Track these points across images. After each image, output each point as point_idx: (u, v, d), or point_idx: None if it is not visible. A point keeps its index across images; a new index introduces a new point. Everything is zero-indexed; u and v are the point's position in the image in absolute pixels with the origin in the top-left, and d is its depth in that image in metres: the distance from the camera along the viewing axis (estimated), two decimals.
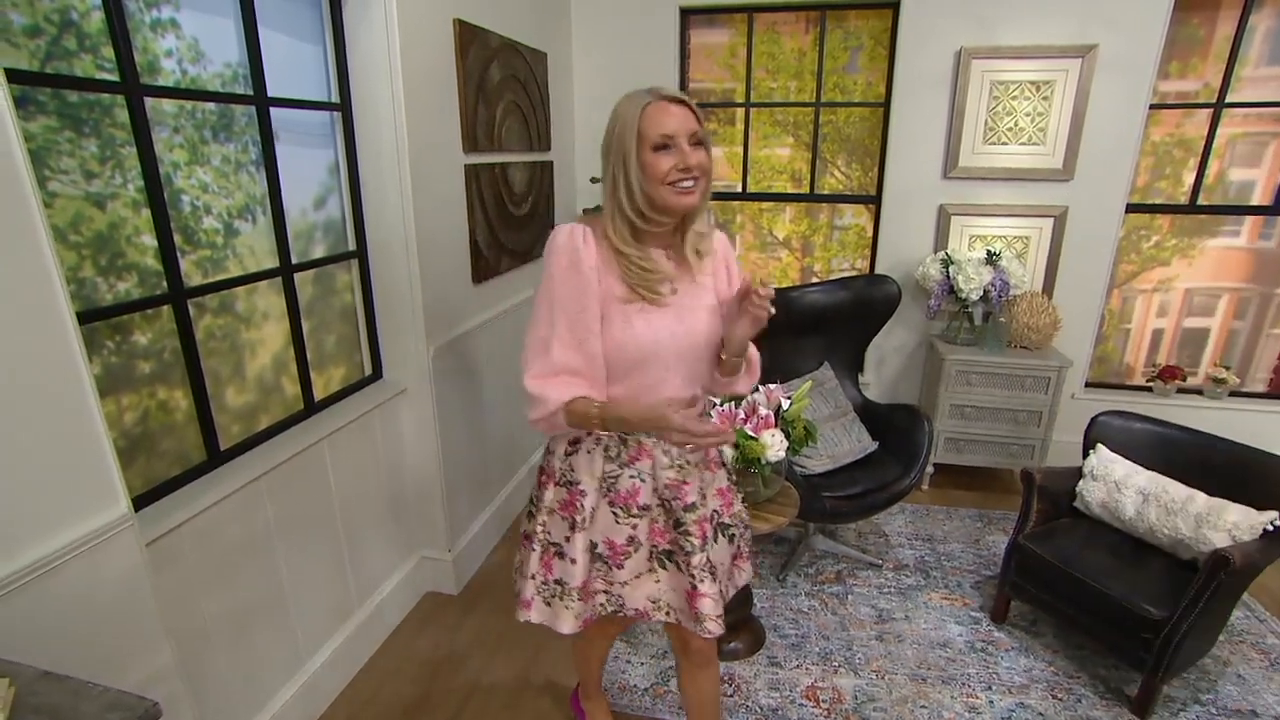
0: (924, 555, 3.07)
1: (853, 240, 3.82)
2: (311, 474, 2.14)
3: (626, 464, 1.53)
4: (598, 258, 1.41)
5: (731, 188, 3.82)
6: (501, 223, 2.96)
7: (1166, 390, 3.64)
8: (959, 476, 3.72)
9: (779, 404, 2.32)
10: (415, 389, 2.50)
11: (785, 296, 2.96)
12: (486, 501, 3.03)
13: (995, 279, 3.29)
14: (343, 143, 2.28)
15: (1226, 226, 3.52)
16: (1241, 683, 2.38)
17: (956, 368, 3.37)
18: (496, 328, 3.00)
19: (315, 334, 2.25)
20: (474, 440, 2.86)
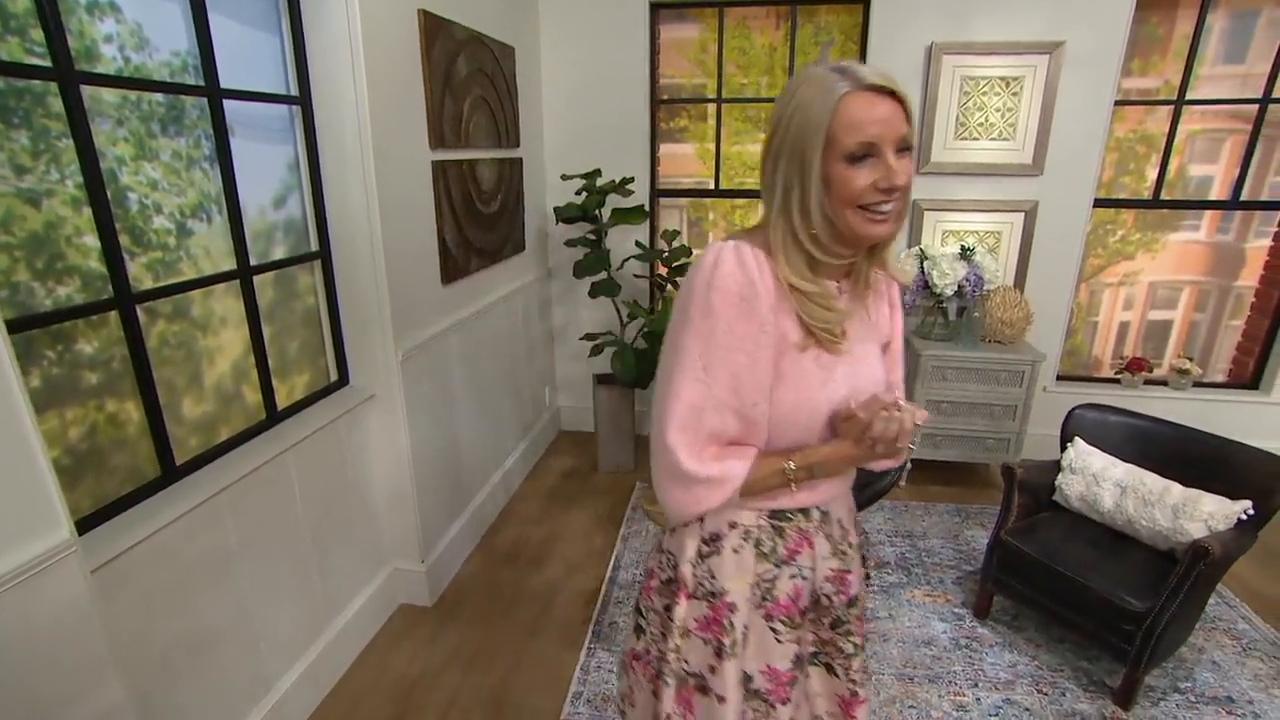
0: (905, 552, 3.05)
1: None
2: (276, 486, 2.02)
3: (785, 559, 1.18)
4: (775, 293, 1.06)
5: (703, 184, 3.78)
6: (470, 221, 2.86)
7: (1134, 382, 3.68)
8: (936, 472, 3.71)
9: None
10: (384, 394, 2.39)
11: None
12: (460, 509, 2.93)
13: (970, 274, 3.29)
14: (303, 138, 2.15)
15: (1187, 221, 3.57)
16: (1217, 669, 2.39)
17: (933, 363, 3.36)
18: (467, 330, 2.90)
19: (277, 339, 2.13)
20: (446, 446, 2.76)
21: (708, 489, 1.09)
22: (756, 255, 1.05)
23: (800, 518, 1.18)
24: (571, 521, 3.22)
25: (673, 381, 1.07)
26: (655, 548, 1.28)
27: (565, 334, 4.05)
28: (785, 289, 1.06)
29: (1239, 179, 3.41)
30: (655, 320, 3.43)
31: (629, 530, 3.17)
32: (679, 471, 1.08)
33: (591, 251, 3.42)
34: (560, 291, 3.98)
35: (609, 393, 3.60)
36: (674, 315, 1.09)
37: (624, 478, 3.65)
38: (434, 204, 2.57)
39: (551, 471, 3.70)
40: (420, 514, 2.56)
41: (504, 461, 3.39)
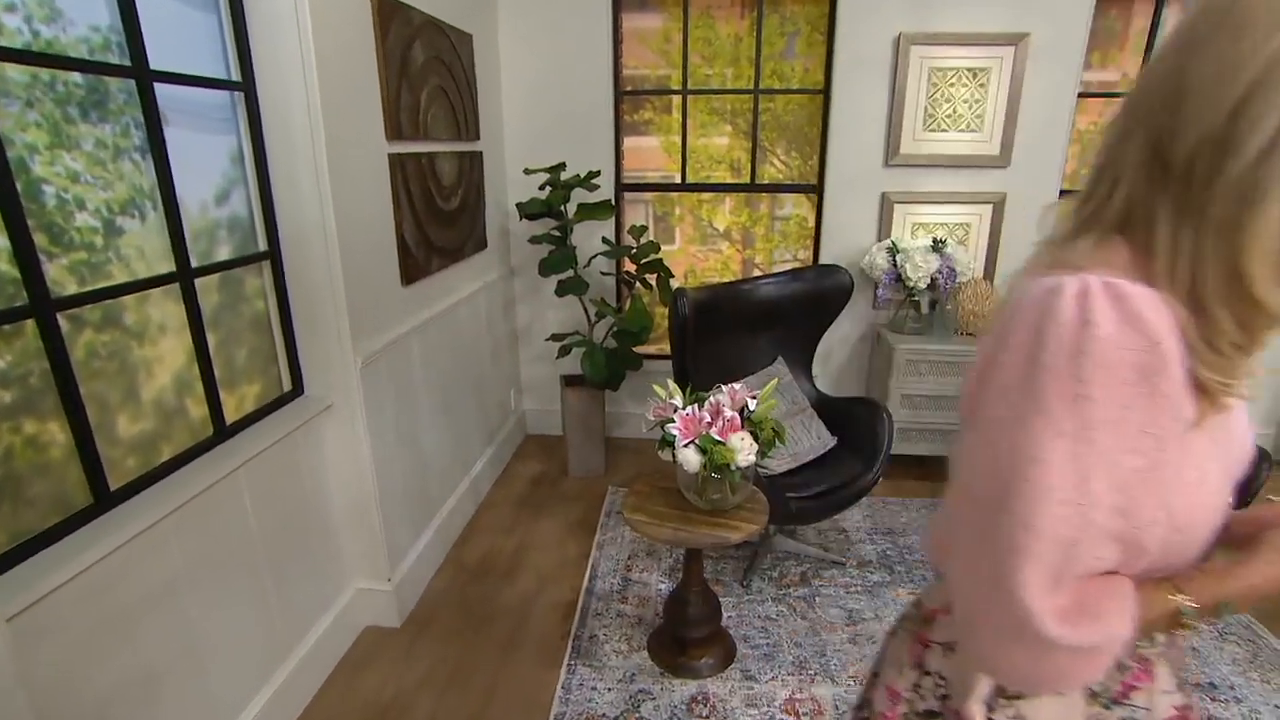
0: (886, 550, 3.00)
1: (794, 230, 3.76)
2: (226, 508, 1.84)
3: (1119, 698, 0.83)
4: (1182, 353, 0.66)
5: (669, 178, 3.70)
6: (430, 218, 2.70)
7: None
8: (909, 467, 3.66)
9: (744, 405, 2.16)
10: (342, 404, 2.22)
11: (736, 291, 2.86)
12: (426, 521, 2.79)
13: (942, 266, 3.26)
14: (246, 128, 1.97)
15: None
16: (1196, 655, 2.38)
17: (907, 357, 3.32)
18: (430, 332, 2.76)
19: (223, 348, 1.94)
20: (410, 455, 2.62)
21: (1074, 659, 0.69)
22: (1147, 297, 0.64)
23: (1145, 642, 0.83)
24: (543, 530, 3.12)
25: (1018, 503, 0.67)
26: (907, 660, 0.91)
27: (529, 334, 3.94)
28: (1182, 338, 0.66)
29: None
30: (624, 318, 3.32)
31: (604, 537, 3.07)
32: (1034, 635, 0.68)
33: (557, 249, 3.31)
34: (524, 290, 3.86)
35: (578, 394, 3.49)
36: (991, 395, 0.70)
37: (595, 482, 3.56)
38: (392, 199, 2.41)
39: (520, 478, 3.59)
40: (385, 529, 2.41)
41: (470, 469, 3.26)
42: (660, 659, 2.34)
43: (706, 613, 2.32)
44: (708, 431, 2.05)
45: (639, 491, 2.27)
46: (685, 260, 3.85)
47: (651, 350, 3.91)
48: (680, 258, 3.84)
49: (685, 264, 3.85)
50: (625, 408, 4.02)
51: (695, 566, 2.28)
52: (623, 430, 4.03)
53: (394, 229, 2.44)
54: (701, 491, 2.12)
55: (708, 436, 2.04)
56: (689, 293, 2.65)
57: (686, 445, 2.04)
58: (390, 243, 2.43)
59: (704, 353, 2.79)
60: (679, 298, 2.62)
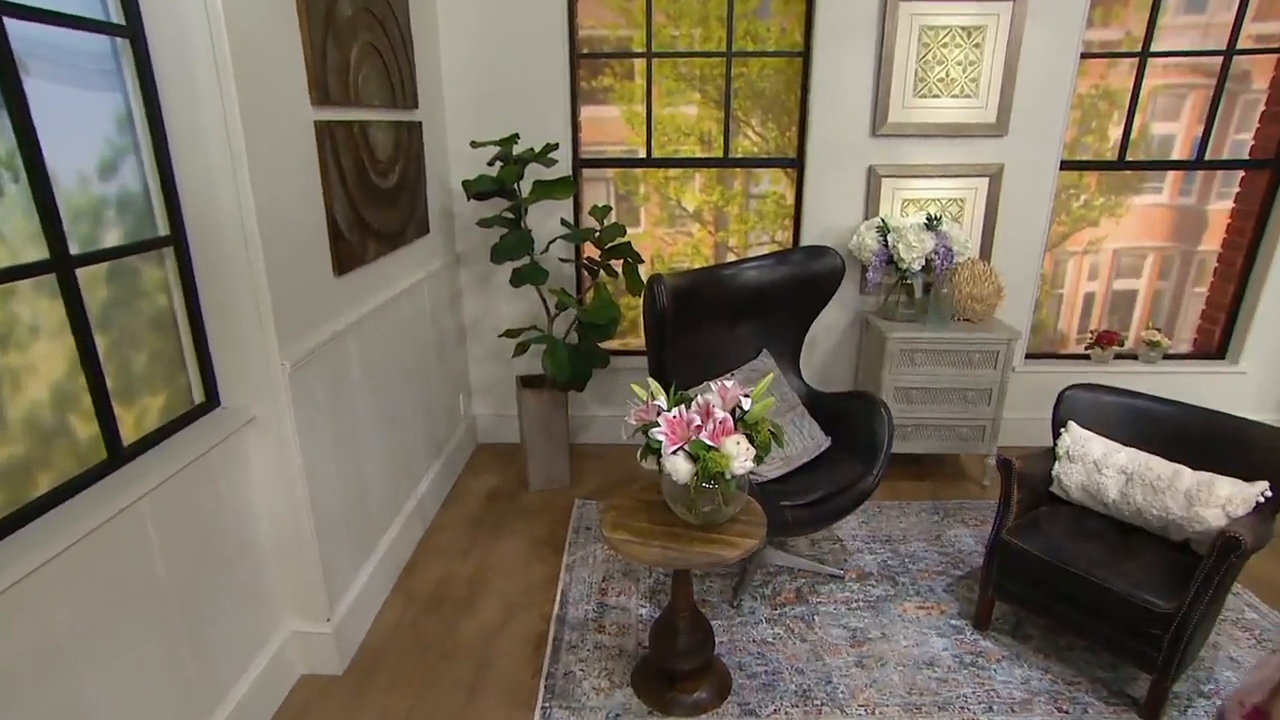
0: (887, 560, 2.95)
1: (772, 209, 3.71)
2: (126, 547, 1.64)
3: None
4: None
5: (633, 153, 3.62)
6: (365, 197, 2.54)
7: (1104, 356, 3.73)
8: (904, 466, 3.66)
9: (737, 404, 2.05)
10: (268, 416, 2.04)
11: (717, 277, 2.77)
12: (369, 549, 2.64)
13: (938, 246, 3.21)
14: (135, 84, 1.75)
15: (1149, 183, 3.63)
16: (1237, 667, 2.37)
17: (900, 346, 3.28)
18: (368, 330, 2.60)
19: (117, 352, 1.73)
20: (349, 473, 2.46)
21: None
22: None
23: None
24: (503, 552, 3.00)
25: None
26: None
27: (479, 330, 3.80)
28: None
29: (1203, 137, 3.48)
30: (588, 310, 3.21)
31: (573, 557, 2.95)
32: None
33: (510, 232, 3.17)
34: (471, 281, 3.72)
35: (537, 397, 3.37)
36: None
37: (560, 495, 3.46)
38: (320, 175, 2.25)
39: (473, 493, 3.47)
40: (322, 560, 2.24)
41: (417, 485, 3.12)
42: (647, 696, 2.24)
43: (698, 641, 2.22)
44: (698, 436, 1.95)
45: (619, 507, 2.17)
46: (651, 244, 3.77)
47: (617, 345, 3.83)
48: (646, 241, 3.76)
49: (651, 248, 3.77)
50: (590, 410, 3.93)
51: (683, 589, 2.19)
52: (588, 436, 3.96)
53: (324, 209, 2.27)
54: (691, 504, 2.03)
55: (698, 442, 1.95)
56: (666, 279, 2.54)
57: (674, 452, 1.95)
58: (320, 225, 2.26)
59: (682, 347, 2.70)
60: (655, 285, 2.52)
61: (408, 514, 2.96)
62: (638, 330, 3.92)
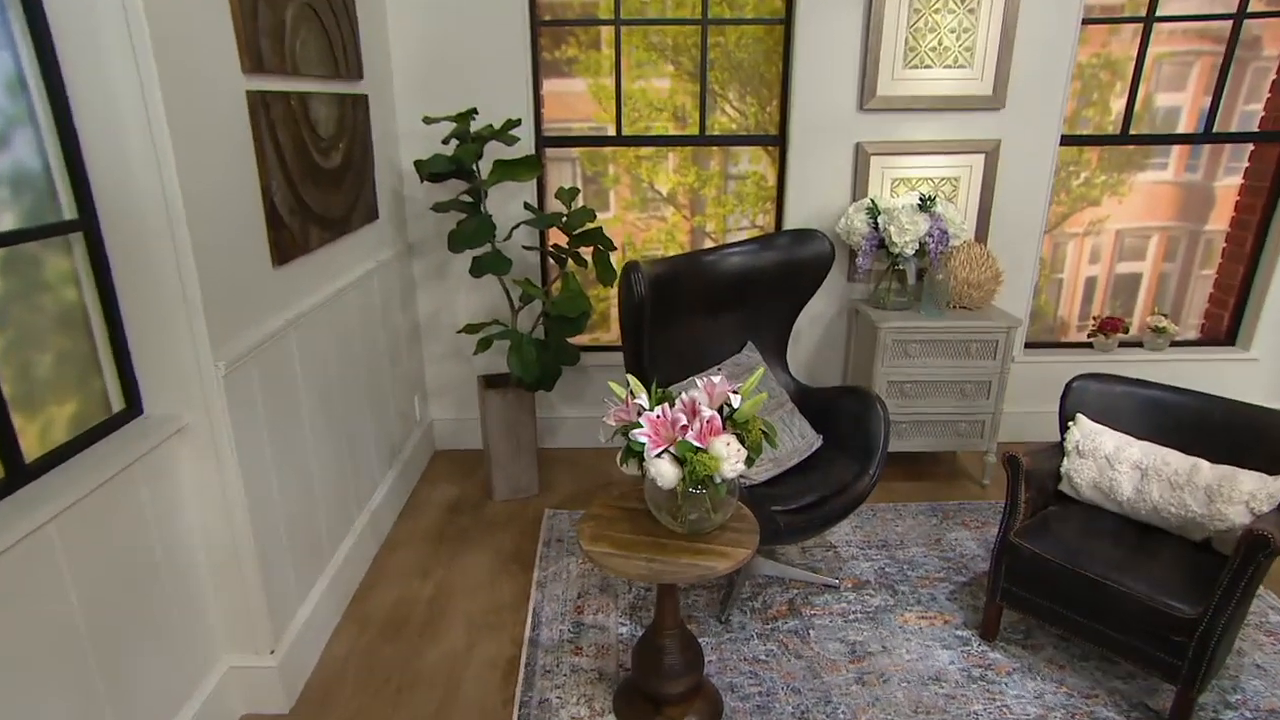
0: (884, 567, 2.95)
1: (752, 191, 3.70)
2: (31, 579, 1.54)
3: None
4: None
5: (601, 131, 3.58)
6: (307, 179, 2.47)
7: (1108, 345, 3.77)
8: (899, 466, 3.68)
9: (725, 401, 2.02)
10: (200, 424, 1.96)
11: (698, 264, 2.76)
12: (318, 570, 2.57)
13: (932, 228, 3.21)
14: (27, 40, 1.64)
15: (1154, 159, 3.67)
16: (1264, 674, 2.39)
17: (893, 337, 3.28)
18: (312, 326, 2.54)
19: (14, 353, 1.62)
20: (294, 487, 2.39)
21: None
22: None
23: None
24: (467, 569, 2.96)
25: None
26: None
27: (435, 326, 3.74)
28: None
29: (1211, 108, 3.51)
30: (556, 302, 3.16)
31: (545, 573, 2.91)
32: None
33: (469, 217, 3.12)
34: (426, 272, 3.66)
35: (502, 398, 3.32)
36: None
37: (528, 505, 3.43)
38: (255, 153, 2.17)
39: (432, 505, 3.43)
40: (264, 585, 2.16)
41: (370, 499, 3.06)
42: None
43: (686, 661, 2.18)
44: (684, 437, 1.93)
45: (598, 516, 2.13)
46: (622, 230, 3.75)
47: (587, 341, 3.81)
48: (616, 227, 3.74)
49: (622, 234, 3.75)
50: (559, 412, 3.88)
51: (669, 604, 2.15)
52: (558, 440, 3.93)
53: (259, 192, 2.19)
54: (677, 512, 2.02)
55: (685, 443, 1.92)
56: (643, 267, 2.51)
57: (659, 455, 1.92)
58: (256, 209, 2.18)
59: (661, 340, 2.69)
60: (632, 273, 2.48)
61: (360, 530, 2.89)
62: (609, 324, 3.90)
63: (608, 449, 3.78)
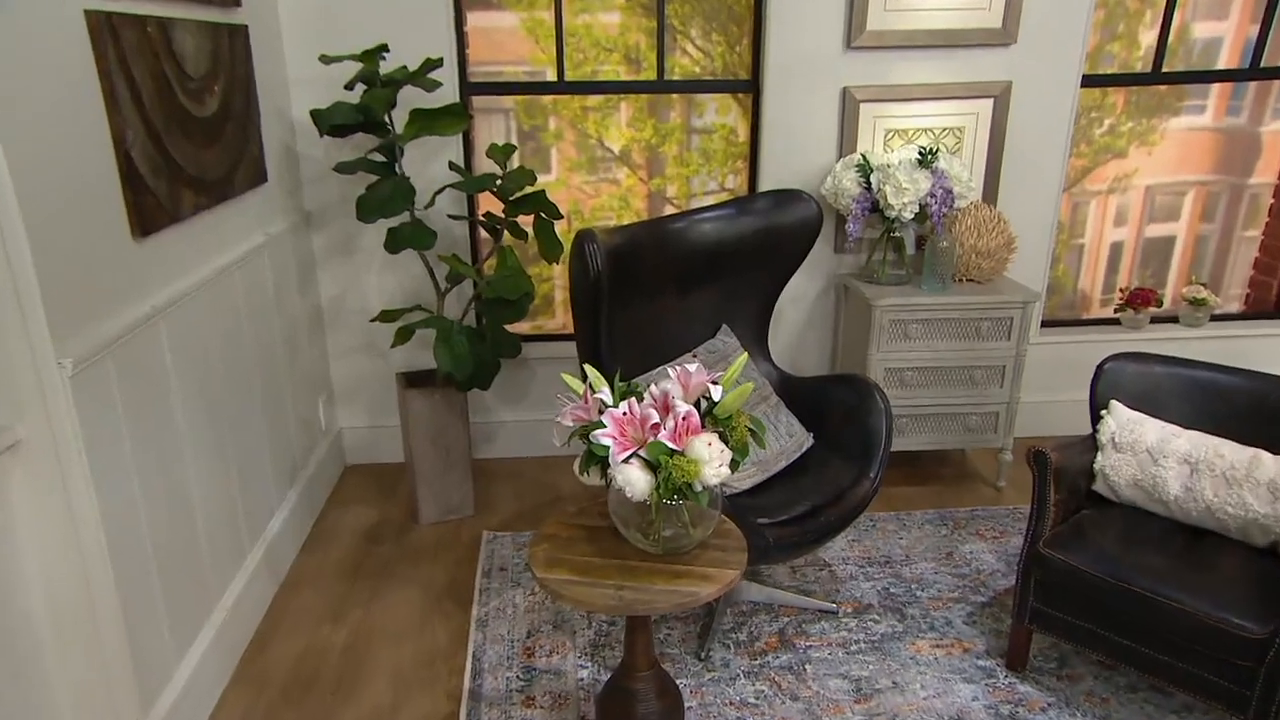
0: (888, 586, 2.98)
1: (720, 148, 3.73)
2: None
3: None
4: None
5: (539, 75, 3.57)
6: (173, 128, 2.39)
7: (1138, 320, 3.83)
8: (898, 468, 3.70)
9: (704, 393, 2.02)
10: (40, 438, 1.86)
11: (663, 232, 2.80)
12: (201, 619, 2.51)
13: (935, 188, 3.24)
14: None
15: (1190, 101, 3.71)
16: None
17: (889, 316, 3.31)
18: (189, 315, 2.48)
19: None
20: (169, 514, 2.33)
21: None
22: None
23: None
24: (390, 610, 2.94)
25: None
26: None
27: (342, 313, 3.71)
28: None
29: (1259, 39, 3.54)
30: (492, 283, 3.15)
31: (486, 609, 2.89)
32: None
33: (382, 180, 3.10)
34: (329, 247, 3.63)
35: (427, 400, 3.30)
36: None
37: (462, 528, 3.43)
38: (103, 93, 2.06)
39: (343, 532, 3.42)
40: (130, 641, 2.08)
41: (266, 526, 3.01)
42: None
43: (663, 709, 2.15)
44: (655, 437, 1.92)
45: (552, 537, 2.13)
46: (567, 195, 3.74)
47: (528, 329, 3.82)
48: (560, 192, 3.72)
49: (567, 200, 3.75)
50: (497, 415, 3.90)
51: (641, 640, 2.13)
52: (496, 448, 3.96)
53: (111, 145, 2.10)
54: (649, 528, 2.02)
55: (657, 444, 1.91)
56: (600, 237, 2.50)
57: (626, 460, 1.91)
58: (108, 167, 2.09)
59: (621, 325, 2.69)
60: (586, 245, 2.47)
61: (254, 566, 2.84)
62: (554, 309, 3.89)
63: (558, 457, 3.80)
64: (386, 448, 3.85)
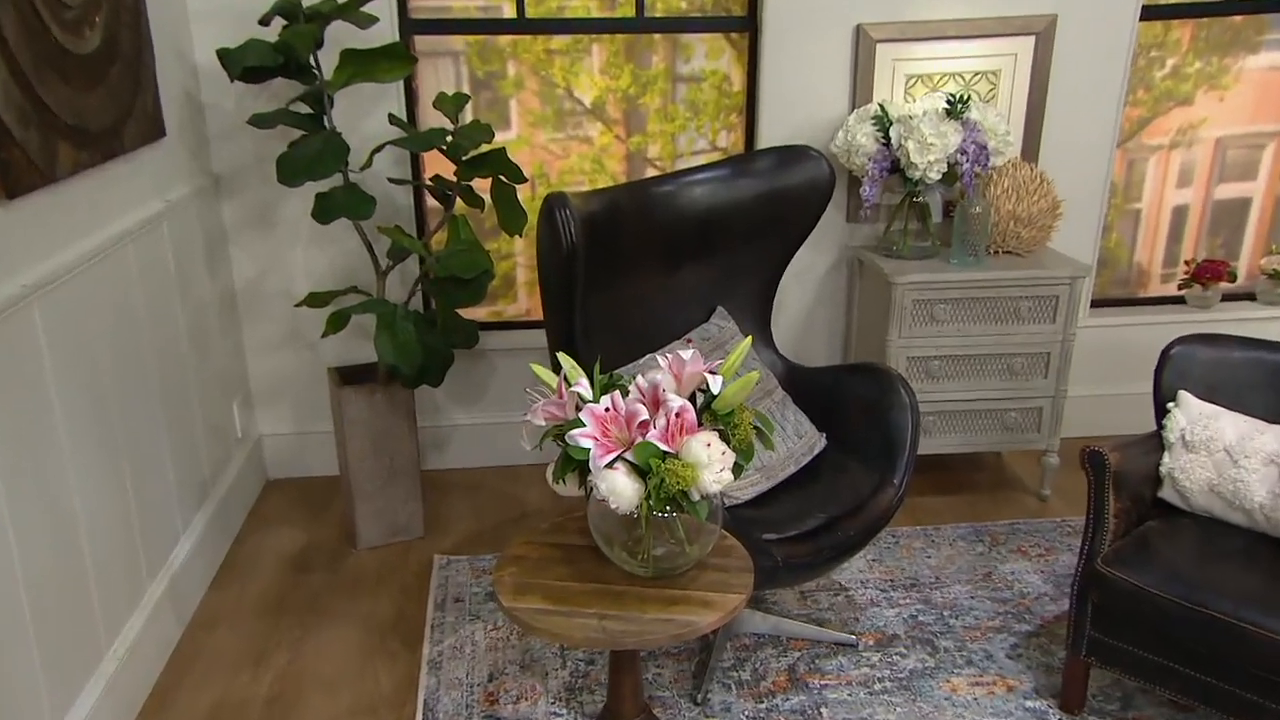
0: (916, 614, 3.00)
1: (711, 99, 3.77)
2: None
3: None
4: None
5: (494, 12, 3.61)
6: (45, 67, 2.39)
7: (1207, 299, 3.86)
8: (925, 474, 3.70)
9: (701, 385, 2.05)
10: None
11: (647, 196, 2.86)
12: (90, 667, 2.48)
13: (966, 143, 3.24)
14: None
15: (1271, 35, 3.70)
16: None
17: (913, 295, 3.34)
18: (71, 295, 2.46)
19: None
20: (49, 541, 2.30)
21: None
22: None
23: None
24: (324, 651, 2.96)
25: None
26: None
27: (261, 297, 3.75)
28: None
29: None
30: (443, 259, 3.16)
31: (440, 648, 2.92)
32: None
33: (308, 135, 3.10)
34: (244, 216, 3.64)
35: (366, 400, 3.33)
36: None
37: (408, 551, 3.45)
38: None
39: (265, 560, 3.43)
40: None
41: (170, 555, 3.01)
42: None
43: None
44: (644, 437, 1.96)
45: (520, 559, 2.17)
46: (530, 156, 3.76)
47: (485, 315, 3.84)
48: (522, 151, 3.73)
49: (531, 162, 3.77)
50: (450, 417, 3.94)
51: (628, 680, 2.17)
52: (448, 457, 4.00)
53: None
54: (636, 546, 2.05)
55: (646, 446, 1.94)
56: (572, 201, 2.52)
57: (610, 465, 1.93)
58: None
59: (598, 308, 2.74)
60: (557, 211, 2.49)
61: (155, 603, 2.83)
62: (516, 291, 3.93)
63: (523, 466, 3.82)
64: (316, 458, 3.86)
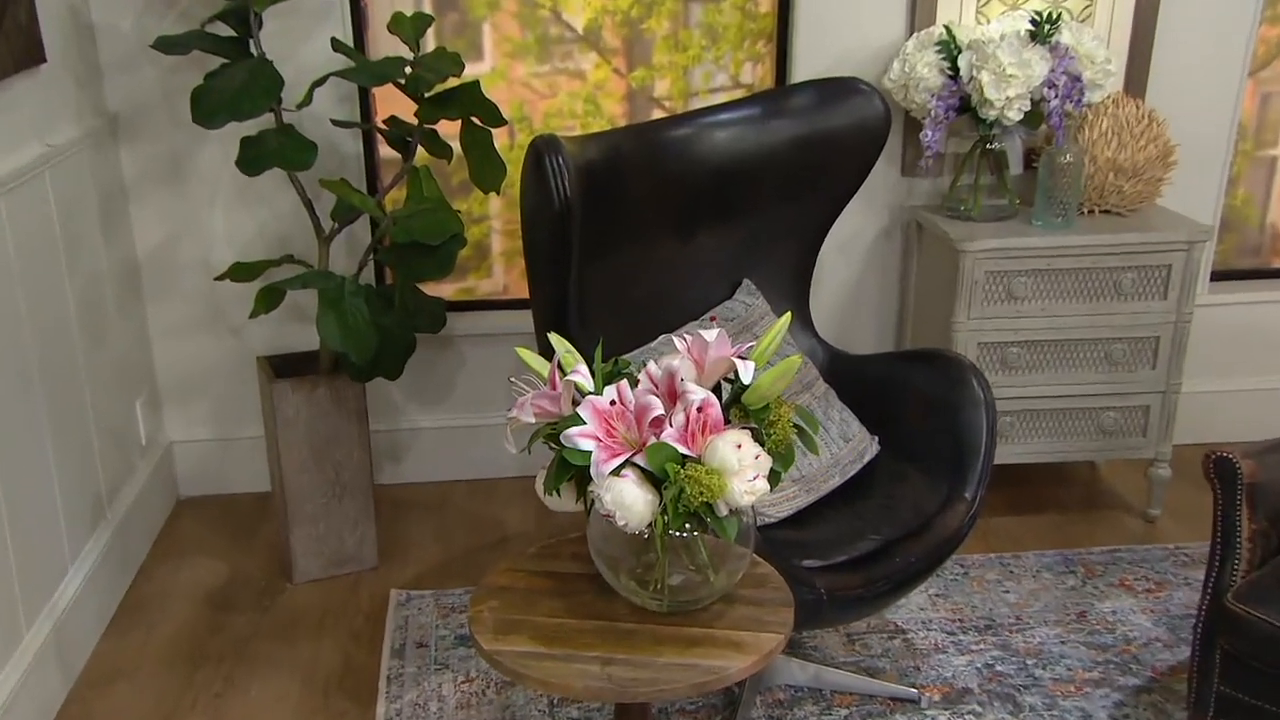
0: (993, 663, 3.02)
1: (733, 22, 3.81)
2: None
3: None
4: None
5: None
6: None
7: None
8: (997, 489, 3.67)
9: (730, 372, 2.07)
10: None
11: (657, 142, 2.94)
12: None
13: (1054, 74, 3.26)
14: None
15: None
16: None
17: (985, 266, 3.36)
18: None
19: None
20: None
21: None
22: None
23: None
24: (253, 710, 3.00)
25: None
26: None
27: (171, 268, 3.81)
28: None
29: None
30: (400, 220, 3.20)
31: (399, 705, 2.96)
32: None
33: (231, 64, 3.13)
34: (149, 166, 3.70)
35: (306, 397, 3.37)
36: None
37: (359, 585, 3.51)
38: None
39: (175, 597, 3.46)
40: None
41: (51, 595, 3.02)
42: None
43: None
44: (658, 437, 1.95)
45: (503, 591, 2.18)
46: (508, 94, 3.81)
47: (452, 293, 3.88)
48: (499, 88, 3.78)
49: (509, 101, 3.80)
50: (411, 418, 4.03)
51: None
52: (408, 469, 4.09)
53: None
54: (647, 574, 2.05)
55: (662, 447, 1.93)
56: (565, 147, 2.54)
57: (616, 471, 1.92)
58: None
59: (595, 279, 2.77)
60: (548, 157, 2.50)
61: (32, 654, 2.85)
62: (489, 264, 3.98)
63: (501, 479, 3.87)
64: (242, 470, 3.90)
